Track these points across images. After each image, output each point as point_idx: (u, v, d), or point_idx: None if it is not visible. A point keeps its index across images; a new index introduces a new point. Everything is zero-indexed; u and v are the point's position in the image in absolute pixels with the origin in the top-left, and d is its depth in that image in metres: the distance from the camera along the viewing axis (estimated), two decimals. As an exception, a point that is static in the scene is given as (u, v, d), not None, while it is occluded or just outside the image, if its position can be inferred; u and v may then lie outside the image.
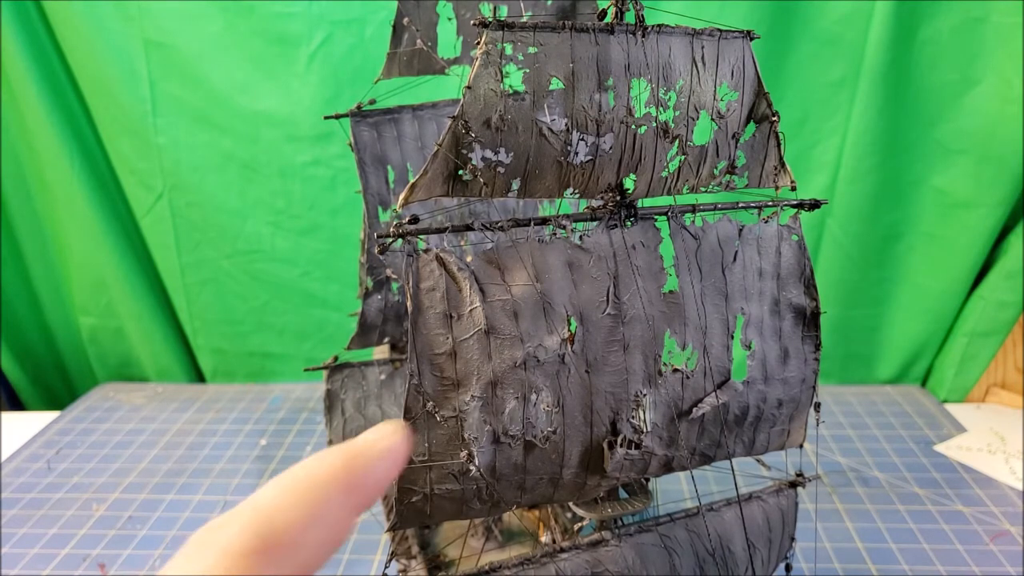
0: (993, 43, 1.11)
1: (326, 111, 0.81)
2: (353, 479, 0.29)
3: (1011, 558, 0.88)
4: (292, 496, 0.28)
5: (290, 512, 0.28)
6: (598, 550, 0.55)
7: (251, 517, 0.27)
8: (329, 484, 0.29)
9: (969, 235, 1.21)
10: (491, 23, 0.43)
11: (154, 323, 1.44)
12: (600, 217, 0.50)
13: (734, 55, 0.51)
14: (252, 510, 0.27)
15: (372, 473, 0.30)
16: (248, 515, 0.27)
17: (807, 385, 0.57)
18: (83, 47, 1.24)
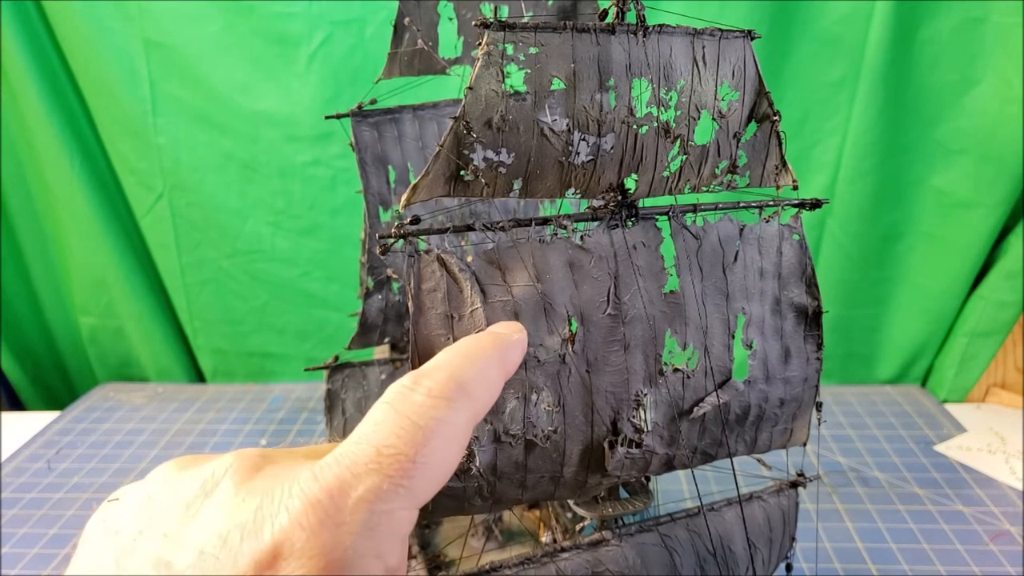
0: (993, 43, 1.11)
1: (326, 111, 0.81)
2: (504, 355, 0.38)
3: (1011, 558, 0.88)
4: (469, 359, 0.36)
5: (470, 370, 0.35)
6: (599, 550, 0.55)
7: (448, 371, 0.34)
8: (491, 356, 0.37)
9: (969, 235, 1.21)
10: (492, 23, 0.43)
11: (154, 323, 1.44)
12: (601, 217, 0.50)
13: (735, 55, 0.51)
14: (446, 365, 0.34)
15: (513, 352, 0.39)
16: (445, 369, 0.34)
17: (809, 384, 0.57)
18: (83, 47, 1.24)
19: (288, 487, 0.29)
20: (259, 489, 0.29)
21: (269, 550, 0.27)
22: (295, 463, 0.31)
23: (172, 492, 0.31)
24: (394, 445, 0.30)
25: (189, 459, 0.34)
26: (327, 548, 0.27)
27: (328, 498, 0.28)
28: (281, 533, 0.27)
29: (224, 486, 0.30)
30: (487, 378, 0.36)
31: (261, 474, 0.30)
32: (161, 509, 0.31)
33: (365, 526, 0.28)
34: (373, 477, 0.29)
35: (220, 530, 0.28)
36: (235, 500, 0.29)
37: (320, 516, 0.28)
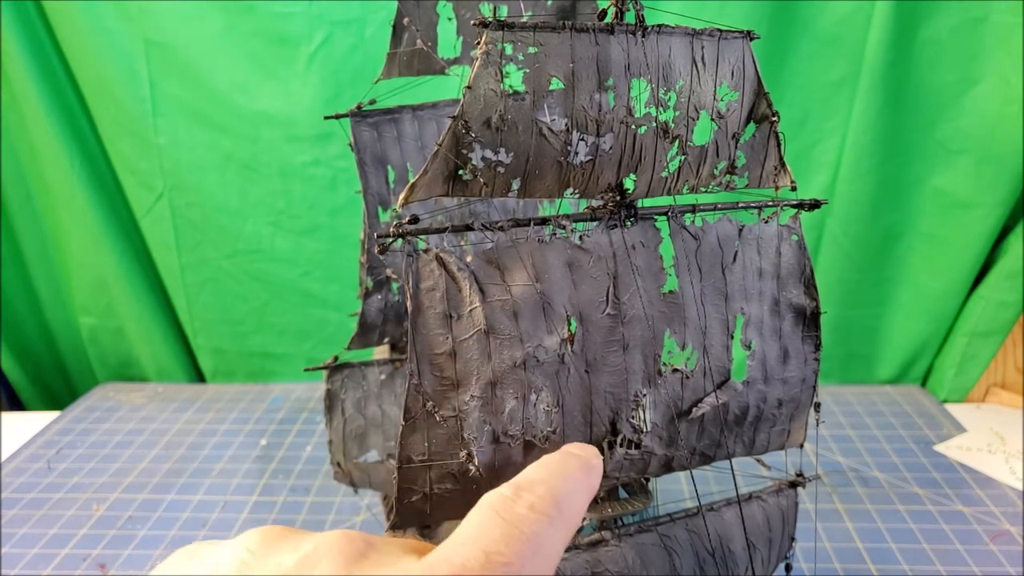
0: (993, 43, 1.11)
1: (326, 111, 0.81)
2: (589, 479, 0.39)
3: (1011, 558, 0.88)
4: (564, 480, 0.37)
5: (565, 490, 0.36)
6: (598, 550, 0.55)
7: (547, 487, 0.35)
8: (581, 479, 0.38)
9: (969, 235, 1.21)
10: (491, 23, 0.43)
11: (154, 323, 1.44)
12: (600, 217, 0.50)
13: (734, 55, 0.51)
14: (544, 481, 0.35)
15: (595, 477, 0.40)
16: (544, 485, 0.35)
17: (807, 385, 0.57)
18: (83, 47, 1.24)
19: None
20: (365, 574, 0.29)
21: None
22: (401, 556, 0.31)
23: (268, 563, 0.30)
24: (503, 553, 0.30)
25: (283, 529, 0.33)
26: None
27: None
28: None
29: (326, 567, 0.29)
30: (578, 501, 0.37)
31: (367, 561, 0.30)
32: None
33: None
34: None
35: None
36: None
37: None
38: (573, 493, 0.36)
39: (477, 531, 0.31)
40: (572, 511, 0.35)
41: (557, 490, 0.35)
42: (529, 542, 0.31)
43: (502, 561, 0.30)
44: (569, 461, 0.39)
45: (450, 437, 0.47)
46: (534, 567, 0.31)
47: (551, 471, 0.37)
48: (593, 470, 0.40)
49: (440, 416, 0.47)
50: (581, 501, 0.37)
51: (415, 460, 0.47)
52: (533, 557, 0.31)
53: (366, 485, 0.94)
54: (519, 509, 0.32)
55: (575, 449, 0.42)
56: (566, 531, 0.34)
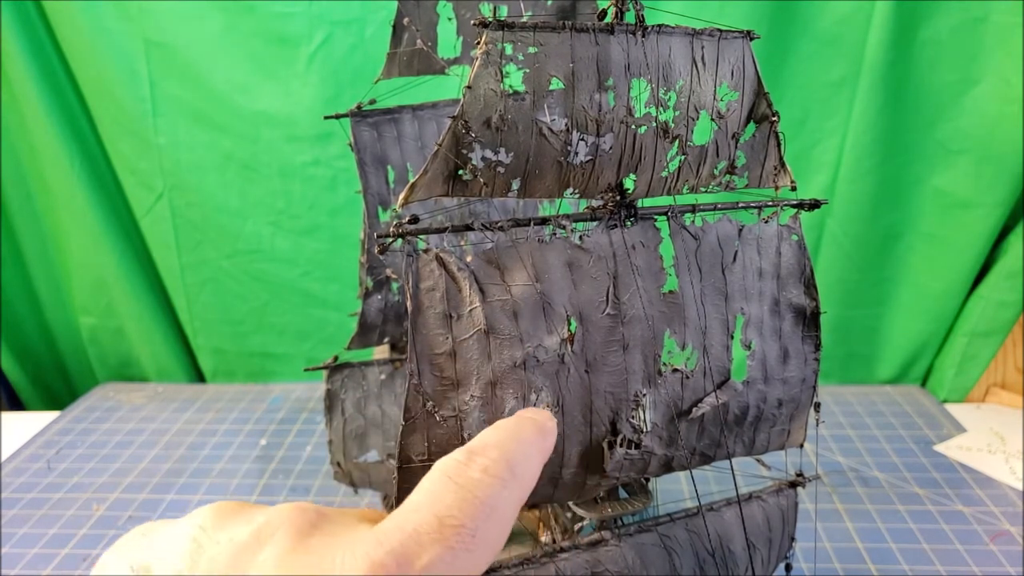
0: (993, 43, 1.11)
1: (326, 111, 0.81)
2: (543, 442, 0.39)
3: (1011, 558, 0.88)
4: (518, 443, 0.37)
5: (519, 453, 0.36)
6: (598, 550, 0.55)
7: (500, 451, 0.35)
8: (535, 441, 0.38)
9: (969, 235, 1.21)
10: (491, 23, 0.43)
11: (154, 323, 1.44)
12: (600, 217, 0.50)
13: (734, 55, 0.51)
14: (497, 445, 0.35)
15: (550, 440, 0.40)
16: (497, 448, 0.35)
17: (807, 385, 0.57)
18: (83, 47, 1.24)
19: (351, 548, 0.28)
20: (318, 546, 0.29)
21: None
22: (353, 525, 0.31)
23: (220, 537, 0.30)
24: (456, 517, 0.30)
25: (236, 505, 0.33)
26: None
27: (394, 563, 0.28)
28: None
29: (280, 538, 0.29)
30: (532, 464, 0.37)
31: (319, 532, 0.30)
32: (206, 553, 0.30)
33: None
34: (436, 547, 0.29)
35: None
36: (292, 555, 0.28)
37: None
38: (527, 456, 0.36)
39: (430, 497, 0.31)
40: (526, 474, 0.36)
41: (511, 453, 0.35)
42: (482, 505, 0.31)
43: (455, 524, 0.30)
44: (523, 425, 0.39)
45: (450, 437, 0.47)
46: (488, 530, 0.31)
47: (505, 435, 0.37)
48: (548, 433, 0.40)
49: (440, 416, 0.47)
50: (535, 464, 0.37)
51: (415, 460, 0.47)
52: (487, 520, 0.31)
53: (366, 485, 0.94)
54: (472, 473, 0.32)
55: (529, 413, 0.43)
56: (520, 494, 0.34)
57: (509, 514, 0.33)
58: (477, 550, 0.30)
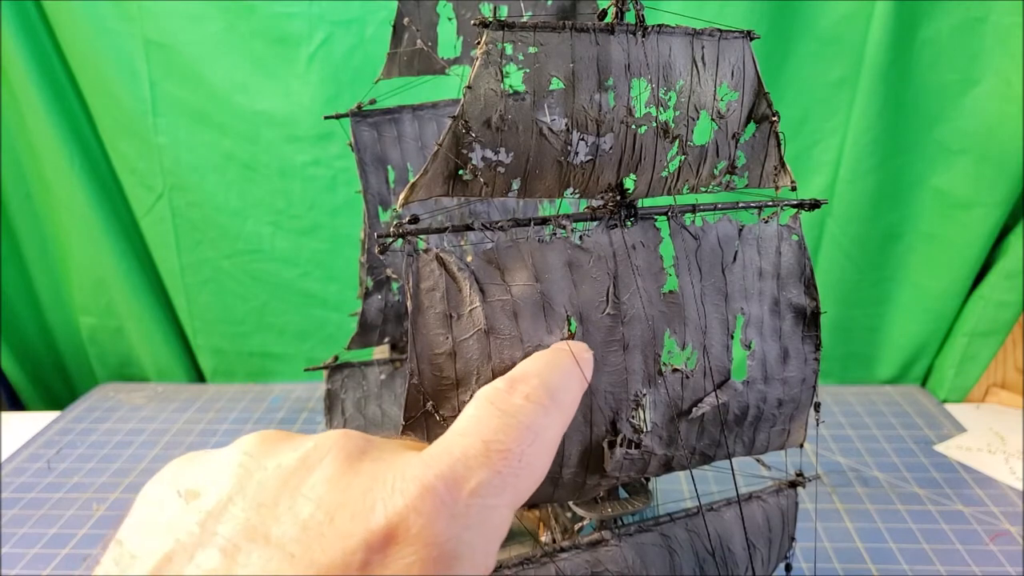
0: (993, 43, 1.11)
1: (326, 111, 0.81)
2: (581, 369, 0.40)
3: (1011, 558, 0.88)
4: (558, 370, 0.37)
5: (560, 380, 0.36)
6: (598, 550, 0.55)
7: (541, 378, 0.35)
8: (574, 369, 0.39)
9: (969, 235, 1.21)
10: (491, 23, 0.43)
11: (154, 323, 1.44)
12: (600, 217, 0.50)
13: (734, 55, 0.51)
14: (538, 373, 0.36)
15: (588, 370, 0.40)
16: (538, 376, 0.35)
17: (807, 385, 0.57)
18: (83, 47, 1.24)
19: (401, 471, 0.28)
20: (368, 471, 0.29)
21: (382, 532, 0.26)
22: (400, 451, 0.31)
23: (268, 463, 0.30)
24: (502, 441, 0.30)
25: (281, 433, 0.33)
26: (442, 538, 0.26)
27: (444, 487, 0.28)
28: (396, 516, 0.26)
29: (328, 463, 0.29)
30: (572, 391, 0.37)
31: (367, 457, 0.30)
32: (254, 478, 0.29)
33: (477, 519, 0.28)
34: (484, 471, 0.29)
35: (327, 506, 0.27)
36: (343, 479, 0.28)
37: (436, 504, 0.27)
38: (567, 383, 0.37)
39: (475, 423, 0.32)
40: (567, 401, 0.36)
41: (551, 381, 0.35)
42: (527, 430, 0.31)
43: (500, 449, 0.30)
44: (561, 355, 0.40)
45: None
46: (532, 454, 0.31)
47: (544, 364, 0.38)
48: (585, 364, 0.40)
49: (440, 416, 0.47)
50: (575, 391, 0.38)
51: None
52: (531, 445, 0.31)
53: (366, 485, 0.94)
54: (515, 400, 0.33)
55: (566, 345, 0.43)
56: (562, 420, 0.35)
57: (552, 440, 0.33)
58: (523, 474, 0.30)
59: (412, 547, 0.26)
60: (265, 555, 0.26)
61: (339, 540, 0.26)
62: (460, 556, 0.27)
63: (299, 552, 0.25)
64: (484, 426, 0.31)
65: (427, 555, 0.26)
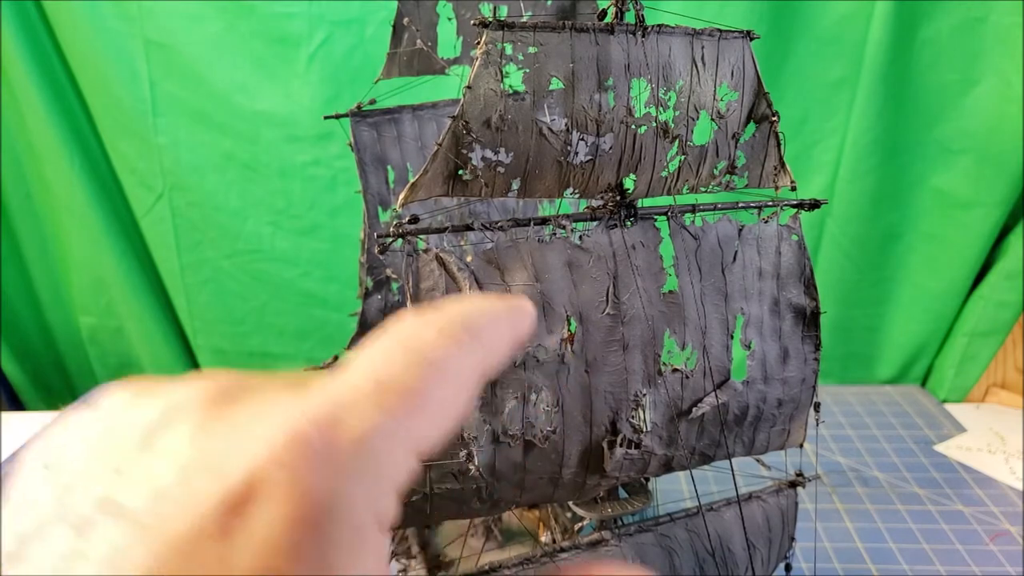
0: (993, 43, 1.11)
1: (326, 111, 0.81)
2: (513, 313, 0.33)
3: (1011, 558, 0.88)
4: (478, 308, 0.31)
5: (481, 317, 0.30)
6: (598, 550, 0.55)
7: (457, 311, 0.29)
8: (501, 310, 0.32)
9: (969, 235, 1.21)
10: (491, 23, 0.43)
11: (154, 323, 1.44)
12: (600, 217, 0.50)
13: (734, 55, 0.51)
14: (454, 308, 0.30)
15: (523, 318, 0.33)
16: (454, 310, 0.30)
17: (807, 385, 0.57)
18: (83, 47, 1.24)
19: (268, 417, 0.25)
20: (232, 418, 0.25)
21: (239, 490, 0.23)
22: (276, 392, 0.27)
23: (129, 420, 0.27)
24: (398, 378, 0.26)
25: (149, 382, 0.29)
26: (311, 490, 0.23)
27: (316, 432, 0.24)
28: (256, 470, 0.23)
29: (189, 414, 0.26)
30: (498, 330, 0.32)
31: (235, 402, 0.26)
32: (114, 440, 0.26)
33: (358, 467, 0.24)
34: (371, 412, 0.25)
35: (182, 465, 0.24)
36: (202, 431, 0.25)
37: (304, 452, 0.23)
38: (493, 324, 0.31)
39: (370, 359, 0.27)
40: (491, 340, 0.31)
41: (470, 316, 0.30)
42: (434, 367, 0.27)
43: (395, 387, 0.26)
44: (491, 298, 0.35)
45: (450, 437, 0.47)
46: (441, 396, 0.27)
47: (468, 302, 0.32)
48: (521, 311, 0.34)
49: (440, 416, 0.47)
50: (503, 337, 0.32)
51: (415, 460, 0.47)
52: (440, 384, 0.27)
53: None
54: (425, 334, 0.28)
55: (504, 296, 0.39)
56: (483, 360, 0.30)
57: (467, 381, 0.29)
58: (425, 418, 0.26)
59: (276, 503, 0.22)
60: (117, 530, 0.23)
61: (193, 503, 0.23)
62: (338, 509, 0.23)
63: (151, 523, 0.23)
64: (381, 361, 0.27)
65: (293, 512, 0.22)
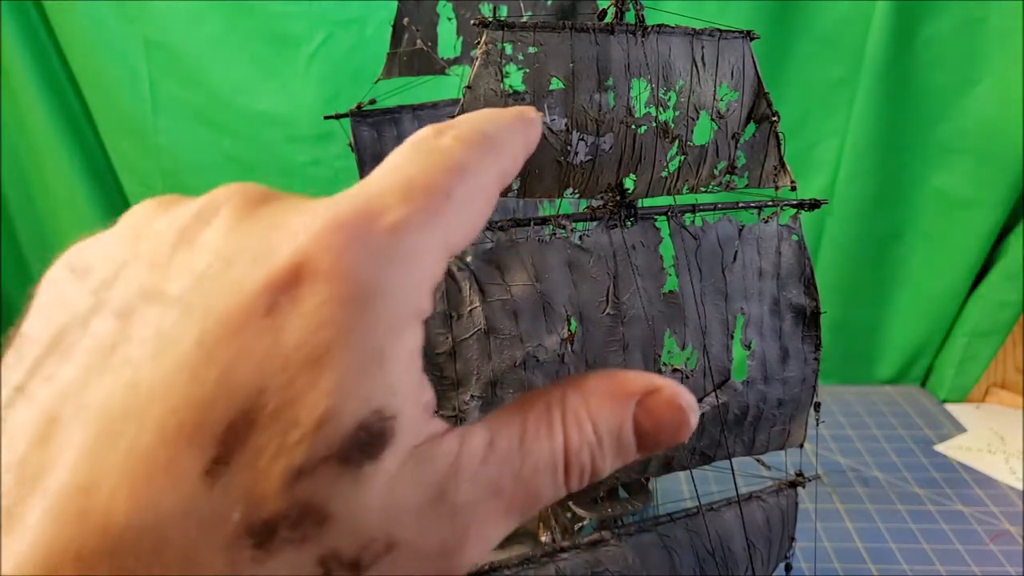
0: (993, 44, 1.11)
1: (326, 111, 0.81)
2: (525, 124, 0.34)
3: (1011, 558, 0.88)
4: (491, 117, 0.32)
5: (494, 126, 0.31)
6: (598, 550, 0.55)
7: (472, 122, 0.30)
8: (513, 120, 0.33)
9: (969, 235, 1.21)
10: (491, 23, 0.43)
11: (154, 323, 1.44)
12: (600, 217, 0.50)
13: (734, 55, 0.51)
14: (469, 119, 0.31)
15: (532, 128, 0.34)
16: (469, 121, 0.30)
17: (807, 385, 0.57)
18: (83, 47, 1.24)
19: (307, 211, 0.25)
20: (269, 215, 0.26)
21: (286, 271, 0.23)
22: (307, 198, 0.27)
23: (159, 224, 0.27)
24: (426, 177, 0.27)
25: (175, 196, 0.29)
26: (356, 272, 0.24)
27: (357, 221, 0.24)
28: (302, 253, 0.23)
29: (226, 212, 0.26)
30: (511, 138, 0.32)
31: (271, 202, 0.27)
32: (147, 241, 0.27)
33: (396, 255, 0.25)
34: (403, 206, 0.26)
35: (225, 254, 0.24)
36: (242, 225, 0.25)
37: (349, 237, 0.24)
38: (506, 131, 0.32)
39: (395, 163, 0.28)
40: (505, 148, 0.31)
41: (484, 124, 0.31)
42: (456, 167, 0.28)
43: (424, 184, 0.27)
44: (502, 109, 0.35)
45: None
46: (464, 194, 0.28)
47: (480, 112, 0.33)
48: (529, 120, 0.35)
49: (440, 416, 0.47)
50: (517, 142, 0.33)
51: (415, 460, 0.47)
52: (461, 183, 0.28)
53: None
54: (443, 141, 0.29)
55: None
56: (499, 168, 0.31)
57: (485, 184, 0.30)
58: (452, 215, 0.27)
59: (324, 284, 0.23)
60: (160, 311, 0.24)
61: (239, 284, 0.23)
62: (381, 292, 0.24)
63: (197, 302, 0.23)
64: (407, 166, 0.27)
65: (342, 291, 0.23)
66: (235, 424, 0.22)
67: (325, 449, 0.22)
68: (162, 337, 0.23)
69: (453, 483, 0.25)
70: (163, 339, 0.23)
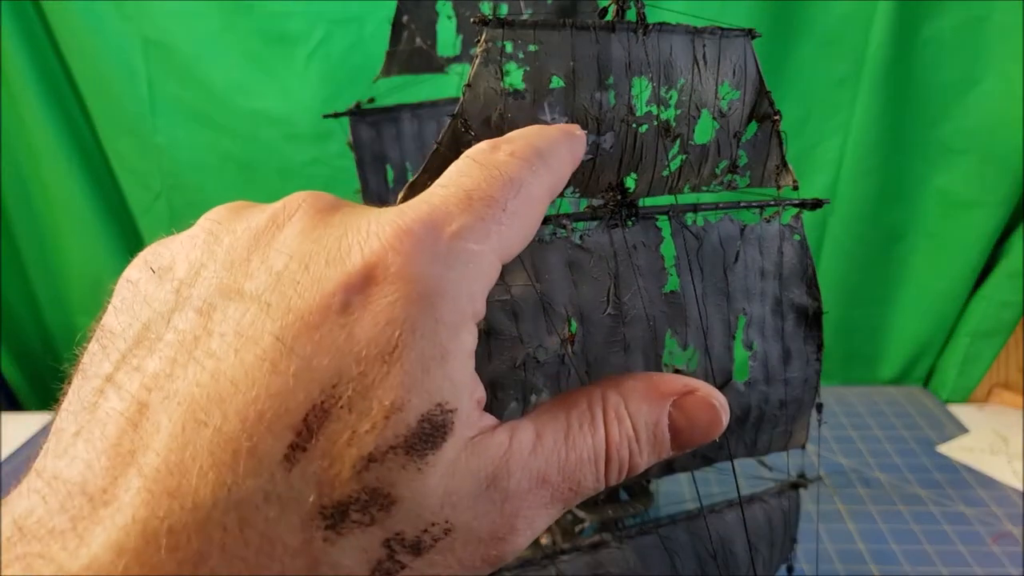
0: (996, 42, 1.10)
1: (325, 110, 0.81)
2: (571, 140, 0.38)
3: (1013, 559, 0.87)
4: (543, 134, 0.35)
5: (546, 143, 0.34)
6: (599, 552, 0.55)
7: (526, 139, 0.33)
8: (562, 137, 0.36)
9: (972, 235, 1.21)
10: (491, 21, 0.43)
11: (153, 323, 1.44)
12: (601, 217, 0.50)
13: (736, 53, 0.50)
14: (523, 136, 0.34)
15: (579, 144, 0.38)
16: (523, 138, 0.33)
17: (809, 385, 0.57)
18: (81, 46, 1.23)
19: (375, 219, 0.27)
20: (340, 222, 0.28)
21: (360, 273, 0.25)
22: (372, 207, 0.30)
23: (236, 227, 0.29)
24: (484, 190, 0.29)
25: (249, 202, 0.32)
26: (422, 274, 0.26)
27: (422, 228, 0.26)
28: (374, 256, 0.25)
29: (300, 217, 0.28)
30: (560, 155, 0.35)
31: (340, 210, 0.29)
32: (224, 243, 0.29)
33: (458, 260, 0.27)
34: (466, 216, 0.28)
35: (300, 256, 0.26)
36: (315, 230, 0.27)
37: (416, 243, 0.26)
38: (556, 148, 0.35)
39: (455, 175, 0.30)
40: (555, 165, 0.34)
41: (537, 141, 0.34)
42: (511, 181, 0.30)
43: (483, 197, 0.29)
44: (547, 127, 0.38)
45: None
46: (518, 205, 0.30)
47: (531, 129, 0.36)
48: (575, 138, 0.38)
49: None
50: (565, 159, 0.36)
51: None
52: (516, 196, 0.30)
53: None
54: (499, 156, 0.31)
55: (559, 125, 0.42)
56: (550, 181, 0.33)
57: (538, 197, 0.32)
58: (507, 225, 0.29)
59: (393, 285, 0.25)
60: (241, 308, 0.25)
61: (316, 284, 0.25)
62: (444, 293, 0.26)
63: (275, 300, 0.25)
64: (465, 177, 0.30)
65: (410, 291, 0.25)
66: (312, 413, 0.23)
67: (393, 438, 0.24)
68: (242, 332, 0.25)
69: (504, 473, 0.27)
70: (243, 334, 0.25)
